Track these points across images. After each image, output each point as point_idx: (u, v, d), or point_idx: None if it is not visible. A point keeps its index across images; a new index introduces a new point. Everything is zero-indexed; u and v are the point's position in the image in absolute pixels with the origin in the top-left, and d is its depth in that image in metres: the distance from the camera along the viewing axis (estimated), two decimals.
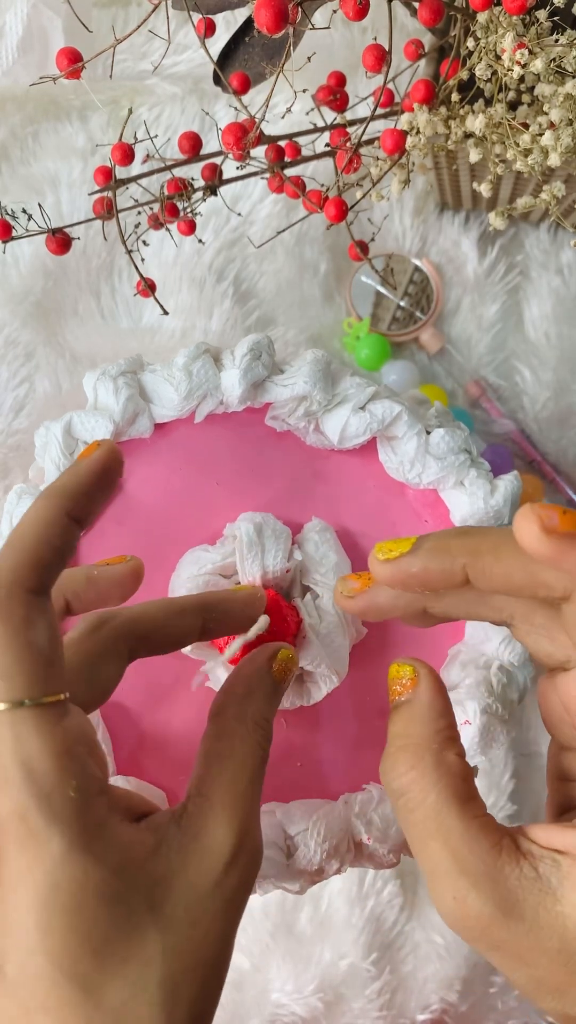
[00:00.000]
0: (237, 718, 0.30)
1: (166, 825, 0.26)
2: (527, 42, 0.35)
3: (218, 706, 0.31)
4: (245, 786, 0.28)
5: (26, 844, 0.22)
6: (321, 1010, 0.58)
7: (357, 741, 0.41)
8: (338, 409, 0.40)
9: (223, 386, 0.40)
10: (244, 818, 0.27)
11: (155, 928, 0.24)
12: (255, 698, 0.31)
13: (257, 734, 0.30)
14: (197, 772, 0.29)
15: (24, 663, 0.24)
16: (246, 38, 0.43)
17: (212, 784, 0.28)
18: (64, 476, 0.29)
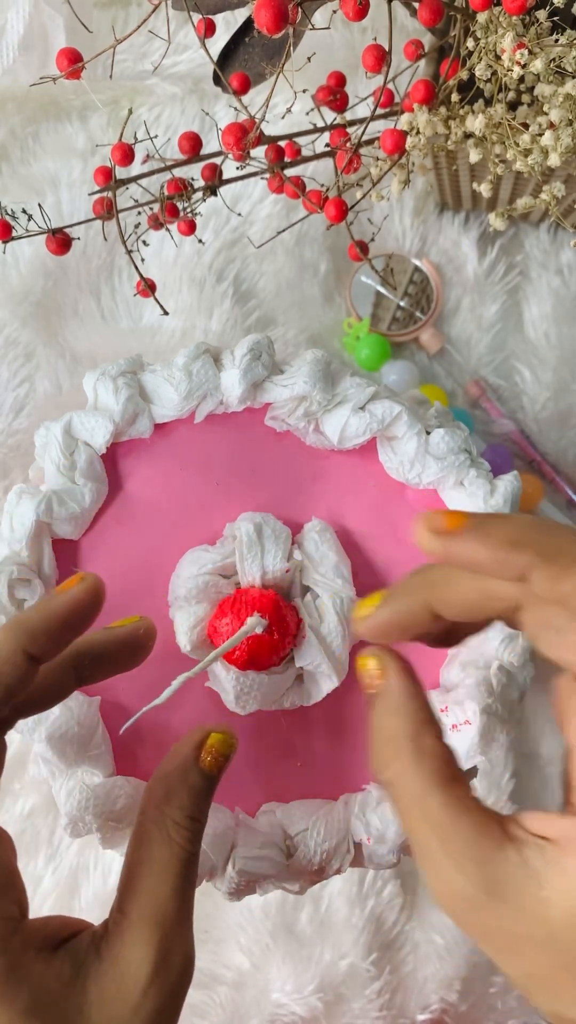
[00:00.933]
0: (155, 821, 0.29)
1: (85, 950, 0.25)
2: (527, 42, 0.35)
3: (140, 807, 0.29)
4: (166, 898, 0.27)
5: None
6: (321, 1010, 0.58)
7: (357, 741, 0.41)
8: (338, 409, 0.40)
9: (223, 386, 0.40)
10: (164, 935, 0.26)
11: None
12: (176, 798, 0.29)
13: (179, 836, 0.28)
14: (120, 884, 0.28)
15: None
16: (246, 38, 0.43)
17: (130, 900, 0.27)
18: (32, 611, 0.28)
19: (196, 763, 0.30)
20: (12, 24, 0.57)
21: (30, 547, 0.38)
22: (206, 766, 0.30)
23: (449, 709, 0.38)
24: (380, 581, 0.41)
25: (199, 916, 0.59)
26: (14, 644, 0.27)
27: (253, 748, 0.41)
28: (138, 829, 0.29)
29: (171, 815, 0.29)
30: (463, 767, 0.38)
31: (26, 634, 0.27)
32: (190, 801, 0.29)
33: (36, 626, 0.28)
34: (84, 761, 0.38)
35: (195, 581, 0.39)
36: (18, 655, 0.27)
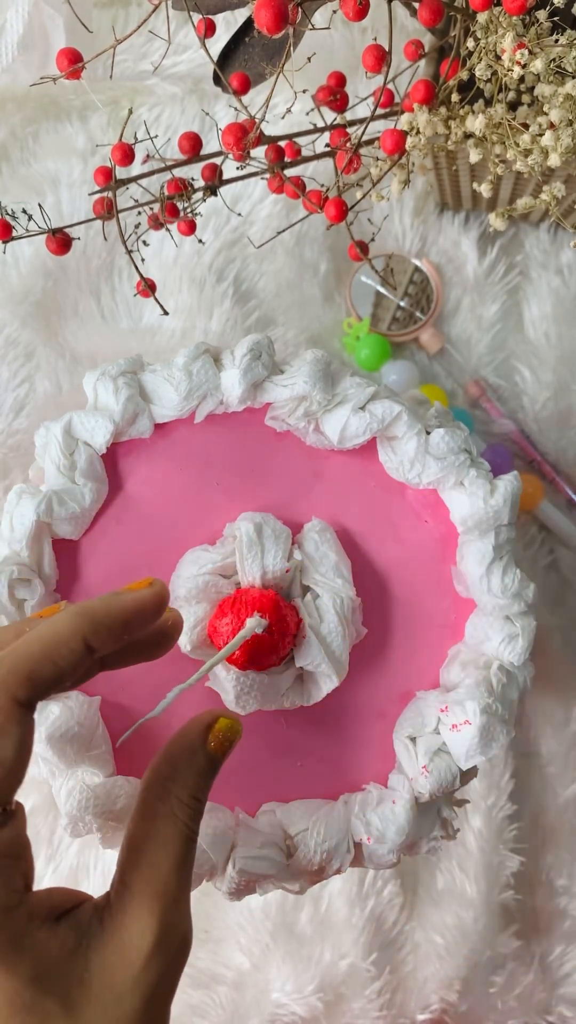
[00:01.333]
0: (160, 798, 0.29)
1: (87, 921, 0.25)
2: (527, 42, 0.35)
3: (144, 782, 0.30)
4: (168, 872, 0.27)
5: None
6: (321, 1010, 0.58)
7: (357, 741, 0.41)
8: (338, 409, 0.40)
9: (223, 386, 0.40)
10: (166, 908, 0.26)
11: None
12: (182, 776, 0.30)
13: (183, 813, 0.29)
14: (121, 857, 0.28)
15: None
16: (246, 38, 0.43)
17: (133, 872, 0.27)
18: (98, 602, 0.28)
19: (204, 745, 0.31)
20: (12, 24, 0.57)
21: (30, 547, 0.38)
22: (212, 749, 0.31)
23: (449, 709, 0.38)
24: (380, 581, 0.41)
25: (199, 916, 0.59)
26: (75, 630, 0.27)
27: (253, 748, 0.41)
28: (141, 805, 0.29)
29: (176, 793, 0.29)
30: (463, 767, 0.38)
31: (89, 623, 0.27)
32: (195, 781, 0.30)
33: (100, 618, 0.28)
34: (84, 761, 0.38)
35: (195, 581, 0.39)
36: (77, 641, 0.27)
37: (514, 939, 0.59)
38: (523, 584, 0.39)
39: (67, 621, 0.27)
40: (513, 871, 0.59)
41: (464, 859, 0.58)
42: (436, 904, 0.59)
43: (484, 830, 0.58)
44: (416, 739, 0.39)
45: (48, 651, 0.26)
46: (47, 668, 0.26)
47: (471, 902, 0.58)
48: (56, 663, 0.26)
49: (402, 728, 0.40)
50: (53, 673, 0.26)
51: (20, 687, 0.25)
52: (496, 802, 0.58)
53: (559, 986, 0.60)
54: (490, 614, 0.40)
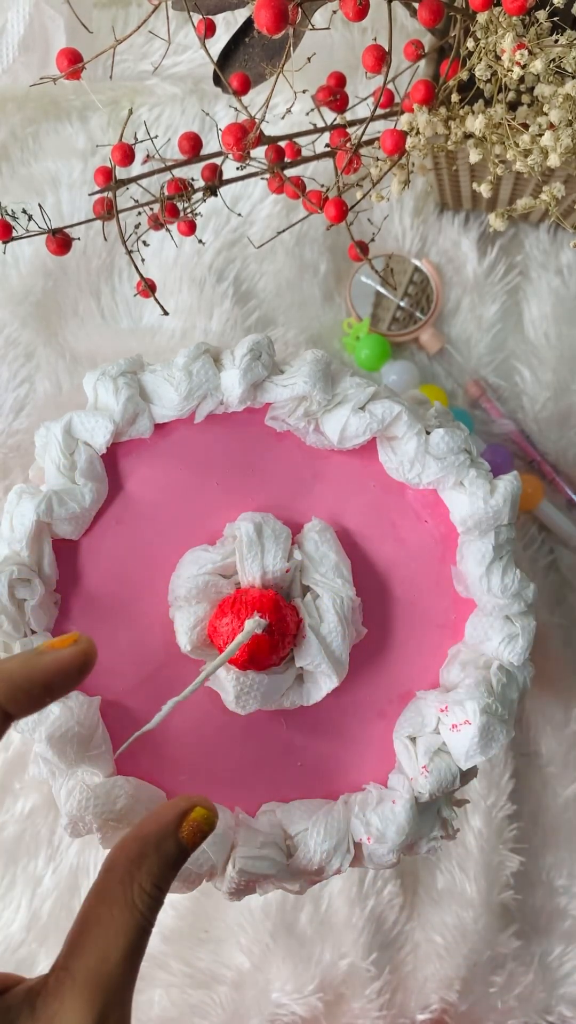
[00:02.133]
0: (122, 881, 0.28)
1: (18, 1007, 0.24)
2: (527, 42, 0.35)
3: (108, 861, 0.28)
4: (115, 963, 0.26)
5: None
6: (321, 1010, 0.58)
7: (357, 741, 0.41)
8: (338, 409, 0.40)
9: (223, 386, 0.40)
10: (107, 1001, 0.25)
11: None
12: (148, 862, 0.28)
13: (142, 903, 0.27)
14: (69, 937, 0.27)
15: None
16: (246, 38, 0.43)
17: (78, 958, 0.26)
18: (17, 664, 0.27)
19: (176, 832, 0.29)
20: (12, 24, 0.58)
21: (30, 547, 0.38)
22: (184, 838, 0.29)
23: (449, 709, 0.38)
24: (380, 581, 0.41)
25: (199, 916, 0.59)
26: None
27: (253, 748, 0.41)
28: (101, 884, 0.28)
29: (139, 879, 0.28)
30: (463, 767, 0.38)
31: (7, 688, 0.26)
32: (160, 869, 0.28)
33: (19, 682, 0.27)
34: (84, 761, 0.38)
35: (195, 581, 0.39)
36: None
37: (514, 939, 0.59)
38: (523, 584, 0.39)
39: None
40: (513, 871, 0.59)
41: (464, 859, 0.58)
42: (436, 904, 0.59)
43: (484, 830, 0.58)
44: (416, 739, 0.39)
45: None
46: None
47: (471, 902, 0.58)
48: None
49: (402, 728, 0.40)
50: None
51: None
52: (496, 802, 0.58)
53: (559, 986, 0.60)
54: (490, 614, 0.40)
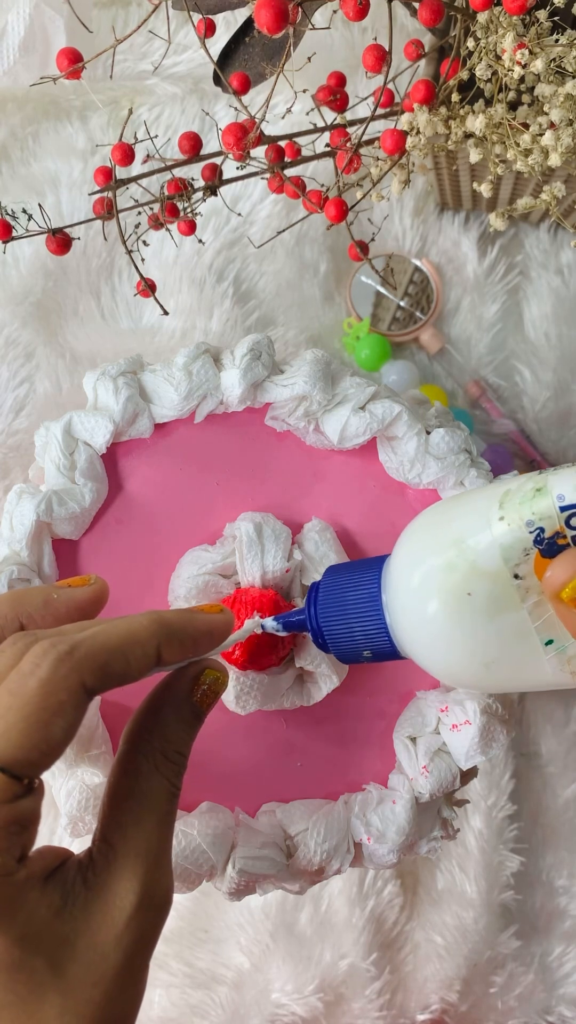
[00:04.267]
0: (144, 753, 0.28)
1: (72, 880, 0.26)
2: (527, 42, 0.35)
3: (126, 735, 0.29)
4: (151, 831, 0.27)
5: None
6: (321, 1010, 0.58)
7: (357, 741, 0.41)
8: (338, 409, 0.40)
9: (223, 386, 0.40)
10: (149, 867, 0.26)
11: (56, 991, 0.24)
12: (166, 730, 0.29)
13: (167, 770, 0.28)
14: (102, 812, 0.28)
15: (35, 742, 0.24)
16: (246, 38, 0.43)
17: (116, 831, 0.27)
18: (178, 615, 0.29)
19: (189, 696, 0.30)
20: (13, 26, 0.58)
21: (30, 547, 0.38)
22: (197, 701, 0.30)
23: (449, 709, 0.38)
24: None
25: (199, 916, 0.59)
26: (153, 635, 0.27)
27: (253, 748, 0.41)
28: (124, 758, 0.29)
29: (161, 748, 0.29)
30: (463, 767, 0.38)
31: (167, 633, 0.28)
32: (179, 735, 0.29)
33: (177, 631, 0.28)
34: (84, 761, 0.38)
35: (195, 581, 0.39)
36: (152, 647, 0.27)
37: (514, 939, 0.59)
38: None
39: (146, 625, 0.27)
40: (513, 871, 0.59)
41: (464, 859, 0.58)
42: (436, 904, 0.59)
43: (484, 830, 0.58)
44: (416, 739, 0.39)
45: (124, 648, 0.26)
46: (119, 664, 0.26)
47: (471, 902, 0.58)
48: (128, 662, 0.26)
49: (402, 728, 0.40)
50: (123, 670, 0.26)
51: (92, 674, 0.25)
52: (496, 802, 0.58)
53: (559, 986, 0.60)
54: None
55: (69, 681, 0.25)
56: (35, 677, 0.24)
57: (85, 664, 0.25)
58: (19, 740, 0.23)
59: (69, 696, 0.25)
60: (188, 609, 0.30)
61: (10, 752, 0.23)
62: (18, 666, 0.25)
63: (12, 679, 0.25)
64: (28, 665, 0.25)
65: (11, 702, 0.24)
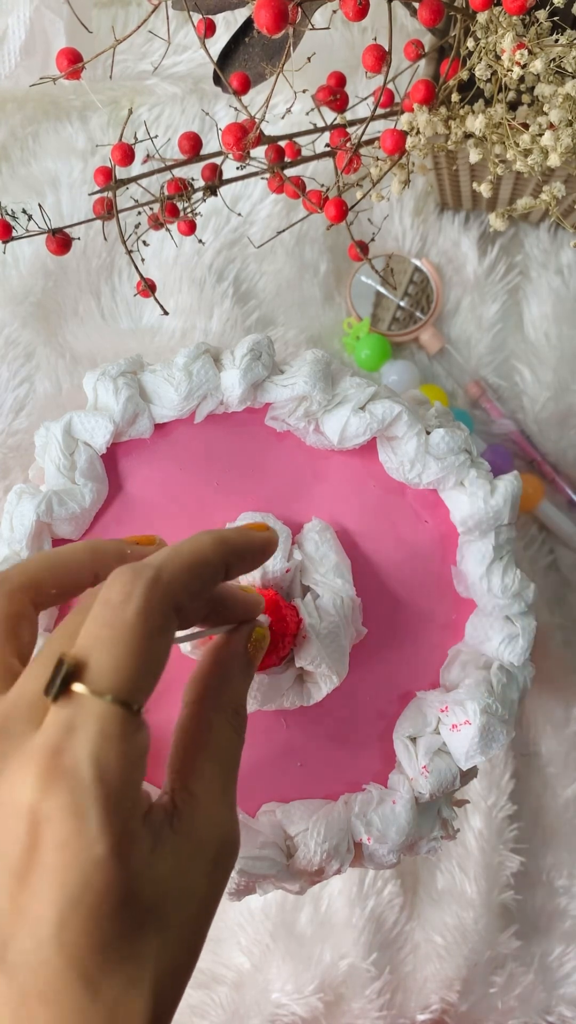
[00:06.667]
0: (216, 708, 0.30)
1: (160, 825, 0.26)
2: (527, 42, 0.35)
3: (195, 694, 0.30)
4: (226, 780, 0.28)
5: (69, 841, 0.22)
6: (321, 1010, 0.58)
7: (357, 741, 0.41)
8: (338, 409, 0.40)
9: (223, 386, 0.40)
10: (228, 814, 0.28)
11: (153, 928, 0.24)
12: (232, 685, 0.31)
13: (236, 722, 0.30)
14: (177, 764, 0.29)
15: (142, 668, 0.24)
16: (246, 38, 0.43)
17: (197, 780, 0.28)
18: (237, 533, 0.30)
19: (247, 655, 0.32)
20: (14, 30, 0.58)
21: (30, 547, 0.38)
22: (250, 654, 0.32)
23: (449, 709, 0.38)
24: (380, 581, 0.41)
25: None
26: (220, 554, 0.28)
27: (253, 748, 0.41)
28: (195, 714, 0.30)
29: (231, 704, 0.30)
30: (463, 767, 0.38)
31: (231, 551, 0.29)
32: (242, 692, 0.31)
33: (239, 549, 0.29)
34: None
35: None
36: (221, 565, 0.28)
37: (514, 939, 0.59)
38: (523, 584, 0.39)
39: (213, 545, 0.28)
40: (513, 871, 0.59)
41: (464, 859, 0.58)
42: (436, 904, 0.59)
43: (484, 830, 0.58)
44: (416, 739, 0.39)
45: (198, 568, 0.27)
46: (196, 584, 0.27)
47: (471, 902, 0.58)
48: (204, 581, 0.27)
49: (402, 728, 0.40)
50: (200, 589, 0.27)
51: (179, 596, 0.26)
52: (496, 802, 0.58)
53: (559, 986, 0.60)
54: (490, 614, 0.40)
55: (163, 605, 0.25)
56: (131, 606, 0.25)
57: (172, 587, 0.26)
58: (129, 672, 0.24)
59: (164, 620, 0.25)
60: (242, 528, 0.32)
61: (125, 685, 0.24)
62: (107, 598, 0.25)
63: (106, 612, 0.25)
64: (119, 595, 0.25)
65: (113, 634, 0.24)
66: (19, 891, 0.22)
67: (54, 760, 0.22)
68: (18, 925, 0.22)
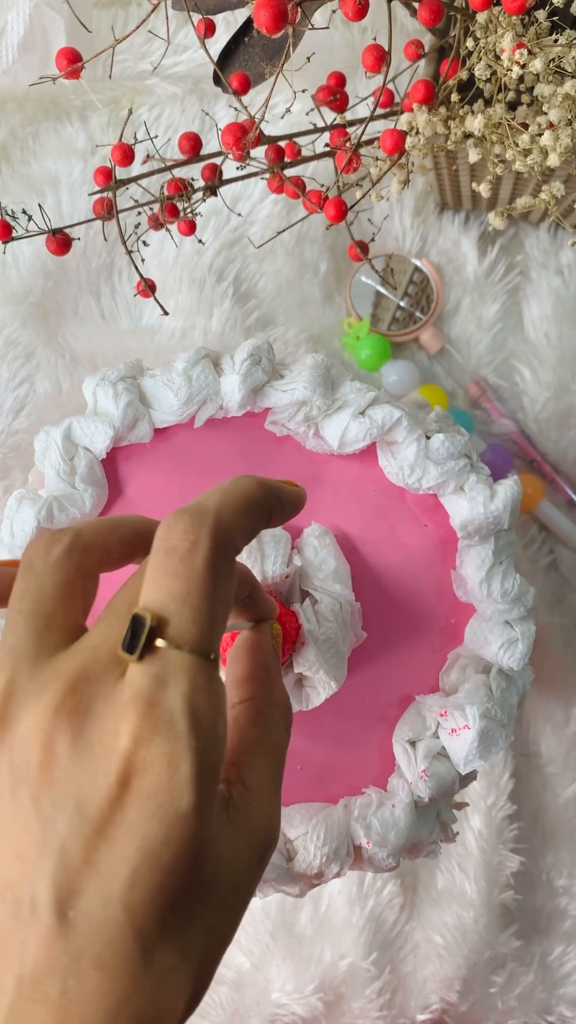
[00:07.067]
0: (270, 704, 0.30)
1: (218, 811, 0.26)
2: (526, 42, 0.35)
3: (248, 691, 0.31)
4: (277, 775, 0.29)
5: (158, 793, 0.22)
6: (321, 1010, 0.58)
7: (356, 745, 0.41)
8: (338, 414, 0.40)
9: (223, 391, 0.40)
10: (275, 809, 0.28)
11: (206, 907, 0.24)
12: (279, 682, 0.31)
13: (287, 719, 0.30)
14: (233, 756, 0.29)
15: (216, 617, 0.24)
16: (246, 38, 0.43)
17: (253, 774, 0.28)
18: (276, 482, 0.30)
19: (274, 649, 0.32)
20: (12, 26, 0.57)
21: None
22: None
23: (449, 713, 0.38)
24: (380, 586, 0.41)
25: None
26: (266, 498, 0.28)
27: None
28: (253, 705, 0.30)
29: (283, 701, 0.30)
30: (462, 772, 0.38)
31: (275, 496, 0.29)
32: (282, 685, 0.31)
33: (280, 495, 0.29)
34: None
35: None
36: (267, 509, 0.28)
37: (514, 939, 0.59)
38: (523, 589, 0.39)
39: (259, 488, 0.28)
40: (513, 871, 0.59)
41: (464, 859, 0.58)
42: (436, 904, 0.59)
43: (484, 830, 0.58)
44: (416, 743, 0.39)
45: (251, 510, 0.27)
46: (250, 527, 0.27)
47: (471, 902, 0.58)
48: (255, 525, 0.27)
49: (402, 732, 0.40)
50: (252, 532, 0.27)
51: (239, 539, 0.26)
52: (496, 802, 0.58)
53: (559, 986, 0.60)
54: (490, 619, 0.40)
55: (228, 550, 0.25)
56: (199, 555, 0.24)
57: (232, 531, 0.25)
58: (206, 623, 0.24)
59: (229, 566, 0.25)
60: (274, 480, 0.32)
61: (204, 636, 0.23)
62: (171, 546, 0.24)
63: (172, 562, 0.24)
64: (185, 543, 0.24)
65: (186, 587, 0.24)
66: (95, 844, 0.22)
67: (150, 710, 0.22)
68: (87, 880, 0.22)
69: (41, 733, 0.23)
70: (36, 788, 0.22)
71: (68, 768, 0.22)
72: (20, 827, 0.22)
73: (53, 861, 0.22)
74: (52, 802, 0.22)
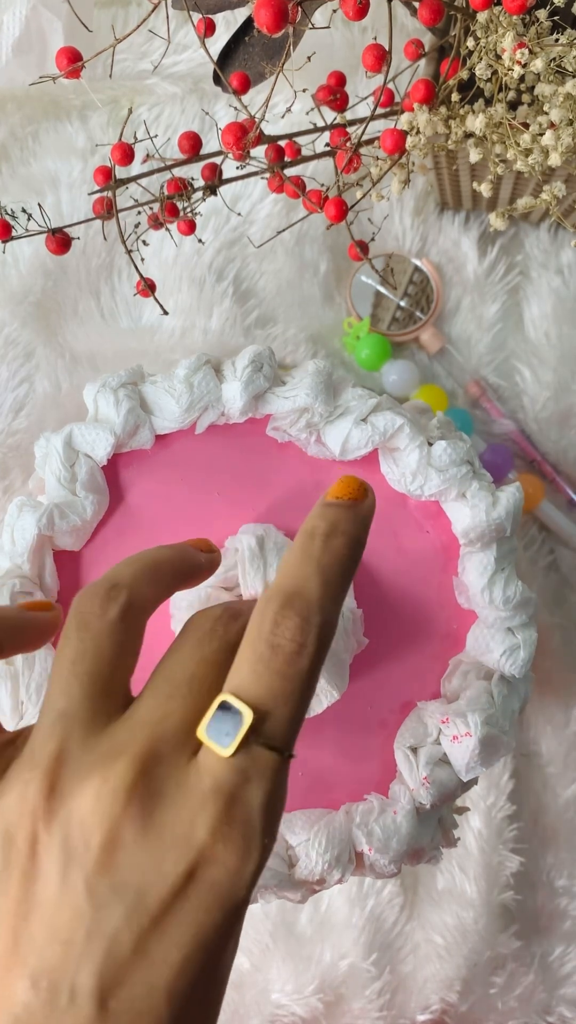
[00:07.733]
0: None
1: None
2: (527, 42, 0.35)
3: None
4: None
5: (223, 885, 0.22)
6: (321, 1010, 0.58)
7: (358, 751, 0.41)
8: (340, 421, 0.39)
9: (224, 398, 0.40)
10: None
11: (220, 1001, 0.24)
12: None
13: None
14: None
15: (303, 718, 0.24)
16: (246, 38, 0.43)
17: None
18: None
19: None
20: (8, 26, 0.57)
21: (31, 560, 0.38)
22: None
23: (450, 720, 0.38)
24: (382, 593, 0.41)
25: None
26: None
27: None
28: None
29: None
30: (464, 779, 0.38)
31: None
32: None
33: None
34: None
35: (197, 594, 0.39)
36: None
37: (514, 939, 0.59)
38: (525, 596, 0.39)
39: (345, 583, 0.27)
40: (513, 871, 0.59)
41: (464, 859, 0.58)
42: (436, 904, 0.59)
43: (484, 830, 0.58)
44: (417, 749, 0.39)
45: (338, 607, 0.26)
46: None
47: (471, 902, 0.58)
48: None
49: (403, 738, 0.40)
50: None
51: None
52: (496, 802, 0.58)
53: (559, 986, 0.60)
54: (491, 626, 0.40)
55: (327, 651, 0.25)
56: (305, 660, 0.23)
57: (333, 633, 0.25)
58: (298, 725, 0.24)
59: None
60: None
61: (292, 737, 0.23)
62: (276, 643, 0.23)
63: (277, 660, 0.23)
64: (294, 645, 0.23)
65: (291, 688, 0.23)
66: (149, 933, 0.21)
67: (230, 806, 0.22)
68: (134, 969, 0.21)
69: (106, 817, 0.22)
70: (93, 871, 0.22)
71: (134, 854, 0.22)
72: (68, 911, 0.21)
73: (102, 949, 0.21)
74: (111, 887, 0.21)
